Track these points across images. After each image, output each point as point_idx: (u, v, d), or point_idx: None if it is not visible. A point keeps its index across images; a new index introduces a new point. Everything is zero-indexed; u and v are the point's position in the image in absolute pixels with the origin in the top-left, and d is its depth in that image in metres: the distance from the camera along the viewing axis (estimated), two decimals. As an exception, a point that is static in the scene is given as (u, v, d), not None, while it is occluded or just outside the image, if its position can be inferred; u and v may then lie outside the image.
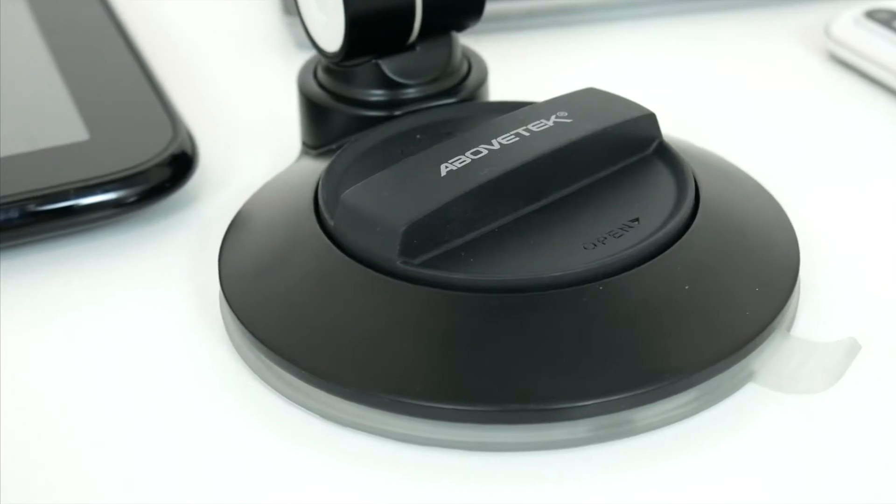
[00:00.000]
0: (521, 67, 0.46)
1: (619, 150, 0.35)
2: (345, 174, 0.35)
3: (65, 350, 0.34)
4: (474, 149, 0.34)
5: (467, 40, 0.40)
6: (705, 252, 0.33)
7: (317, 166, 0.36)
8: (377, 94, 0.38)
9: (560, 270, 0.31)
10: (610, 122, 0.35)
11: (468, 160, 0.33)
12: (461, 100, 0.38)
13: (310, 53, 0.40)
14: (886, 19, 0.45)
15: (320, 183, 0.35)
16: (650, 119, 0.35)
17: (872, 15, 0.45)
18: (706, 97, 0.44)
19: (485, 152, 0.34)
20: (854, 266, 0.36)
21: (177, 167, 0.38)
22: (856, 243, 0.37)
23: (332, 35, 0.37)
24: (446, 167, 0.33)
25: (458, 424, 0.30)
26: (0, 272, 0.37)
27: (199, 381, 0.33)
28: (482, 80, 0.39)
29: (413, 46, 0.37)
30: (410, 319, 0.31)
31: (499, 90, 0.40)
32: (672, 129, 0.37)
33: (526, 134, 0.34)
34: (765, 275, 0.33)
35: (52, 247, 0.38)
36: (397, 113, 0.37)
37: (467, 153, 0.34)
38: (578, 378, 0.30)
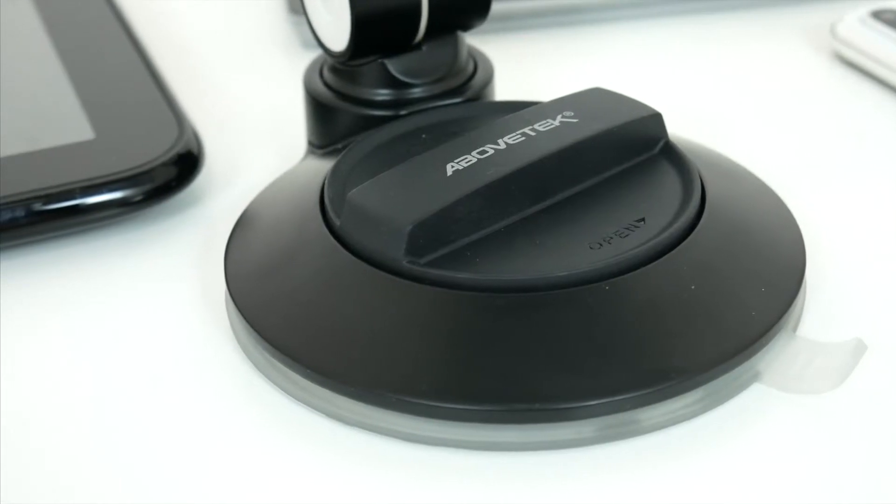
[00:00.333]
0: (527, 67, 0.46)
1: (626, 150, 0.35)
2: (351, 173, 0.35)
3: (70, 349, 0.34)
4: (480, 148, 0.34)
5: (473, 40, 0.40)
6: (711, 252, 0.33)
7: (323, 166, 0.36)
8: (383, 94, 0.38)
9: (566, 270, 0.31)
10: (616, 122, 0.35)
11: (474, 160, 0.33)
12: (467, 99, 0.38)
13: (316, 53, 0.40)
14: (892, 20, 0.45)
15: (326, 182, 0.35)
16: (656, 119, 0.35)
17: (878, 15, 0.45)
18: (712, 97, 0.44)
19: (491, 152, 0.34)
20: (860, 266, 0.36)
21: (182, 166, 0.38)
22: (861, 243, 0.37)
23: (339, 34, 0.37)
24: (452, 167, 0.33)
25: (464, 424, 0.30)
26: (6, 271, 0.37)
27: (205, 381, 0.33)
28: (488, 80, 0.39)
29: (419, 46, 0.37)
30: (416, 319, 0.31)
31: (504, 90, 0.40)
32: (678, 129, 0.37)
33: (532, 134, 0.34)
34: (771, 275, 0.33)
35: (58, 246, 0.38)
36: (403, 112, 0.37)
37: (473, 153, 0.34)
38: (584, 378, 0.30)
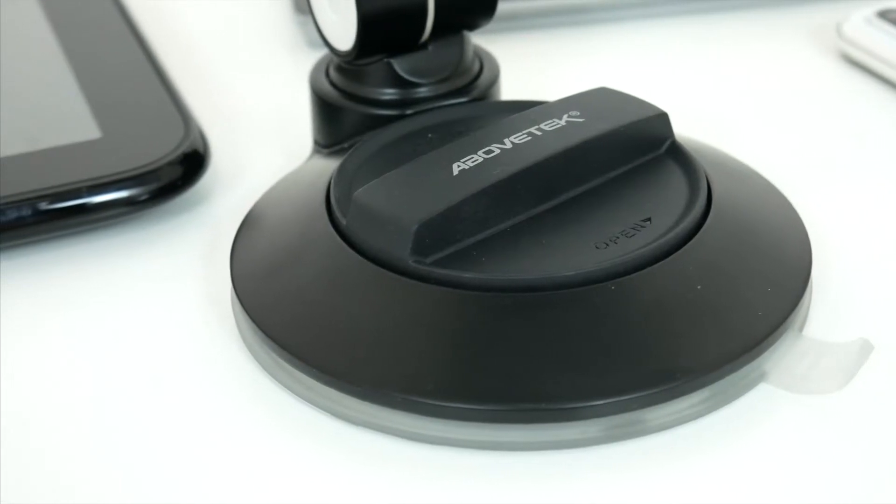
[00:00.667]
0: (533, 67, 0.45)
1: (632, 150, 0.35)
2: (357, 173, 0.35)
3: (73, 348, 0.34)
4: (486, 148, 0.34)
5: (479, 39, 0.40)
6: (717, 252, 0.33)
7: (329, 165, 0.36)
8: (389, 93, 0.38)
9: (572, 270, 0.31)
10: (622, 122, 0.35)
11: (480, 159, 0.33)
12: (473, 99, 0.38)
13: (322, 52, 0.40)
14: (899, 19, 0.45)
15: (332, 182, 0.35)
16: (662, 119, 0.35)
17: (885, 15, 0.45)
18: (718, 97, 0.44)
19: (497, 151, 0.34)
20: (866, 266, 0.36)
21: (188, 165, 0.38)
22: (868, 243, 0.37)
23: (345, 34, 0.37)
24: (458, 166, 0.33)
25: (470, 423, 0.30)
26: (9, 271, 0.37)
27: (211, 380, 0.33)
28: (494, 80, 0.39)
29: (425, 45, 0.37)
30: (422, 318, 0.31)
31: (510, 89, 0.40)
32: (684, 129, 0.37)
33: (538, 133, 0.34)
34: (777, 274, 0.33)
35: (64, 245, 0.38)
36: (409, 112, 0.37)
37: (479, 152, 0.34)
38: (590, 378, 0.30)
